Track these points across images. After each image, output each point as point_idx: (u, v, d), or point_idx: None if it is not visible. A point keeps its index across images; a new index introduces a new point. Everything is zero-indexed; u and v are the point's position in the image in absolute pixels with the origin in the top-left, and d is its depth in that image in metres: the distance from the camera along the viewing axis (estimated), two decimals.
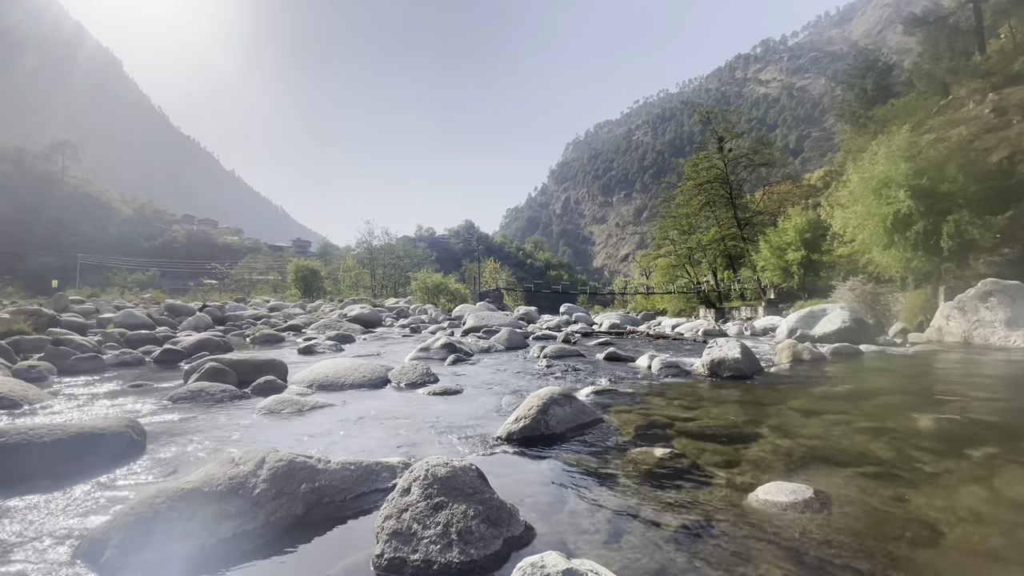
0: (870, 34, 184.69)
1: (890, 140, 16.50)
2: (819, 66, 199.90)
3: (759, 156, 34.28)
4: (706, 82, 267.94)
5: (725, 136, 34.36)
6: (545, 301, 54.37)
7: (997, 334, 6.76)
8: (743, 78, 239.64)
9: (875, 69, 35.59)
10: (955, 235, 14.18)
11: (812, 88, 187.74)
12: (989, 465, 2.12)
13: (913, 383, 4.28)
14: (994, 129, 21.66)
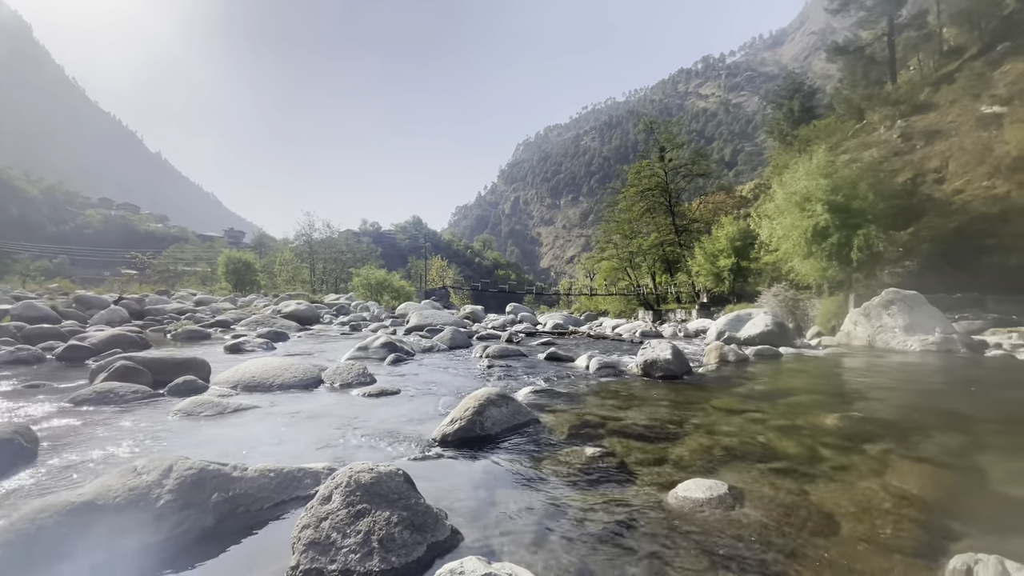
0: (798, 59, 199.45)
1: (811, 158, 17.89)
2: (753, 85, 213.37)
3: (697, 167, 36.09)
4: (651, 93, 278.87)
5: (666, 146, 35.90)
6: (492, 300, 54.47)
7: (896, 339, 7.51)
8: (685, 91, 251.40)
9: (801, 91, 38.41)
10: (864, 248, 15.61)
11: (746, 105, 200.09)
12: (883, 459, 2.33)
13: (822, 383, 4.66)
14: (901, 153, 24.03)
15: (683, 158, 36.81)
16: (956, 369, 5.64)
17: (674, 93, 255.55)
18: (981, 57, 26.52)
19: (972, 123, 22.38)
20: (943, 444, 2.56)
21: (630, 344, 8.91)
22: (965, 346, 7.16)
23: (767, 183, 28.98)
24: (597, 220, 62.65)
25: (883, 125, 26.24)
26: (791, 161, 20.66)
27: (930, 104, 25.51)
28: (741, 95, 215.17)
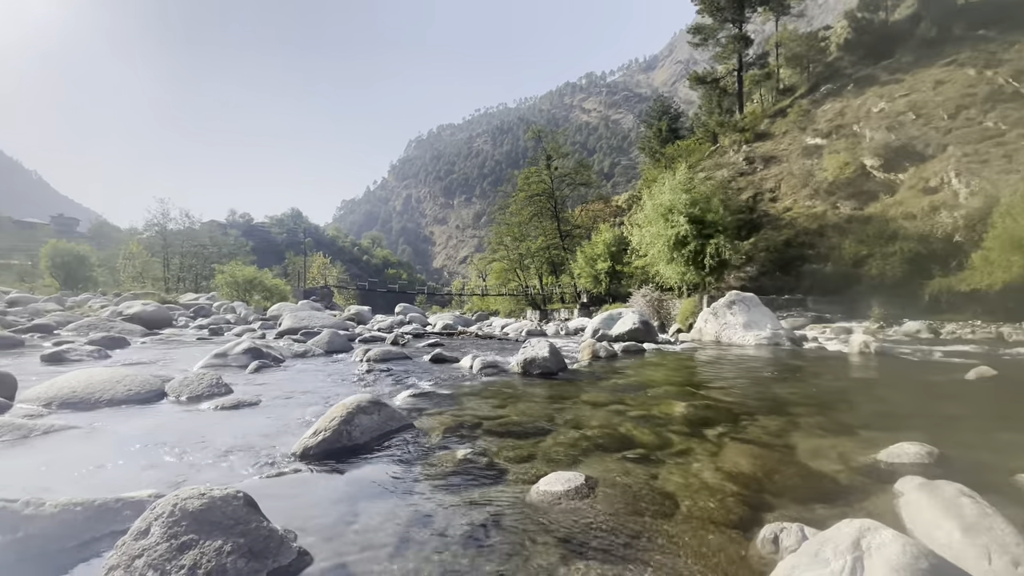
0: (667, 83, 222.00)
1: (675, 174, 20.03)
2: (629, 104, 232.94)
3: (580, 176, 38.38)
4: (540, 102, 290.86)
5: (553, 155, 37.67)
6: (381, 300, 52.48)
7: (737, 334, 8.72)
8: (570, 104, 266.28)
9: (668, 114, 42.81)
10: (715, 255, 17.85)
11: (623, 122, 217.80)
12: (718, 442, 2.65)
13: (675, 376, 5.22)
14: (745, 174, 27.91)
15: (568, 167, 38.91)
16: (781, 360, 6.69)
17: (561, 105, 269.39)
18: (808, 96, 31.92)
19: (799, 152, 26.82)
20: (765, 426, 2.99)
21: (515, 343, 9.15)
22: (789, 340, 8.54)
23: (639, 195, 31.84)
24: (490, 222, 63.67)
25: (732, 149, 30.28)
26: (659, 176, 22.94)
27: (768, 133, 30.04)
28: (619, 112, 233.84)
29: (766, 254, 20.65)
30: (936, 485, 1.58)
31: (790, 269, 19.87)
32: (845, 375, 5.24)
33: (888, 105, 25.39)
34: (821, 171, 23.87)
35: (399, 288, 44.83)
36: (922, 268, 16.38)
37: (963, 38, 27.91)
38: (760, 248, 21.07)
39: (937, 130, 21.99)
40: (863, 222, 19.44)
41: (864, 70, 30.18)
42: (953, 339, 10.74)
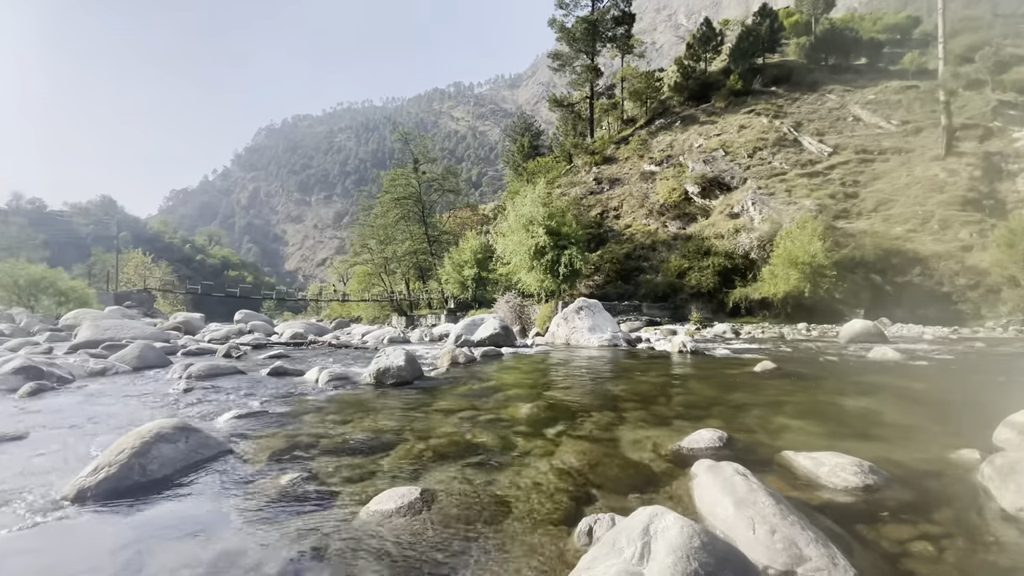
0: (530, 102, 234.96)
1: (535, 188, 21.23)
2: (496, 117, 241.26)
3: (448, 183, 38.53)
4: (408, 104, 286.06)
5: (420, 158, 37.21)
6: (220, 307, 46.36)
7: (584, 337, 9.50)
8: (439, 110, 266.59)
9: (531, 131, 45.29)
10: (569, 265, 19.29)
11: (491, 134, 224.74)
12: (556, 441, 2.81)
13: (526, 378, 5.47)
14: (595, 193, 30.70)
15: (436, 172, 38.79)
16: (617, 359, 7.43)
17: (429, 109, 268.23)
18: (646, 128, 36.32)
19: (638, 176, 30.36)
20: (598, 421, 3.25)
21: (374, 351, 8.75)
22: (626, 342, 9.55)
23: (504, 205, 33.07)
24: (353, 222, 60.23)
25: (584, 169, 33.12)
26: (521, 189, 24.11)
27: (614, 158, 33.49)
28: (487, 124, 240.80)
29: (610, 265, 22.94)
30: (719, 466, 1.86)
31: (629, 278, 22.35)
32: (666, 372, 6.01)
33: (705, 142, 30.16)
34: (655, 194, 27.37)
35: (241, 292, 39.86)
36: (728, 279, 19.69)
37: (760, 92, 34.49)
38: (606, 259, 23.33)
39: (740, 166, 26.74)
40: (686, 240, 22.74)
41: (689, 110, 35.47)
42: (749, 338, 13.05)
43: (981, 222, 18.62)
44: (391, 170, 39.33)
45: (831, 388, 4.83)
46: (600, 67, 40.06)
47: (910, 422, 3.39)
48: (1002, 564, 1.51)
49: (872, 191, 22.67)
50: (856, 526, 1.75)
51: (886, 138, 26.30)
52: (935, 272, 17.22)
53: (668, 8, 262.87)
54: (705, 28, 38.72)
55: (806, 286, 16.81)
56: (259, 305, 56.53)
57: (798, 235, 17.41)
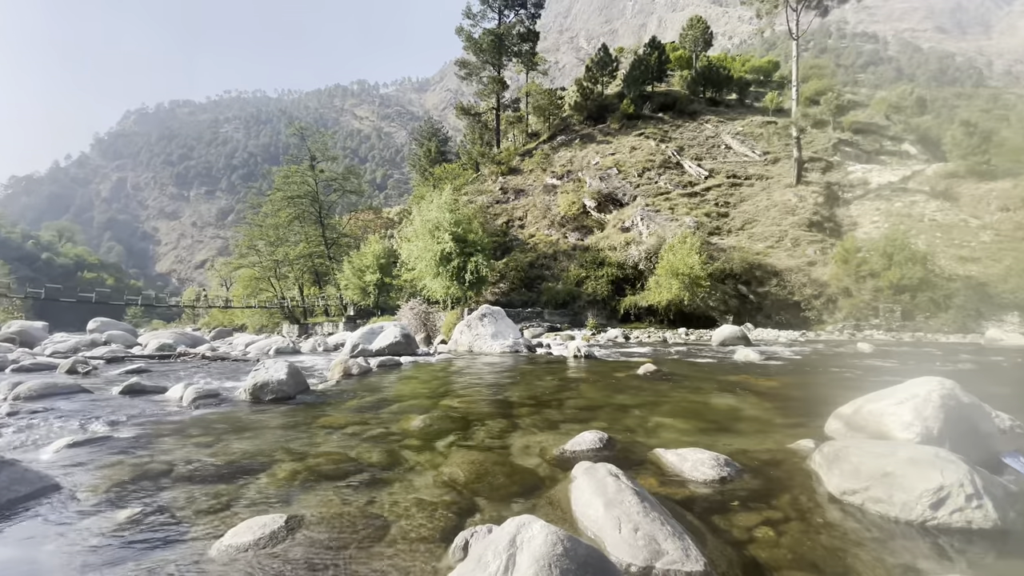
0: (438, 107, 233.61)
1: (441, 194, 21.06)
2: (403, 119, 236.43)
3: (349, 183, 36.81)
4: (306, 98, 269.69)
5: (318, 156, 35.15)
6: (71, 314, 39.94)
7: (487, 344, 9.56)
8: (341, 107, 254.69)
9: (438, 136, 44.99)
10: (475, 272, 19.36)
11: (397, 136, 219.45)
12: (446, 452, 2.75)
13: (424, 388, 5.36)
14: (501, 202, 31.22)
15: (336, 172, 36.88)
16: (517, 366, 7.57)
17: (330, 106, 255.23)
18: (549, 143, 37.77)
19: (541, 189, 31.44)
20: (491, 429, 3.26)
21: (255, 364, 8.01)
22: (527, 348, 9.78)
23: (409, 209, 32.42)
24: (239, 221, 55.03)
25: (491, 178, 33.58)
26: (427, 193, 23.79)
27: (519, 169, 34.38)
28: (392, 125, 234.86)
29: (515, 272, 23.44)
30: (595, 468, 1.94)
31: (533, 286, 23.01)
32: (561, 376, 6.24)
33: (601, 160, 32.15)
34: (557, 206, 28.55)
35: (98, 298, 34.33)
36: (620, 288, 21.07)
37: (649, 117, 37.56)
38: (511, 267, 23.81)
39: (631, 184, 28.86)
40: (584, 250, 23.97)
41: (587, 129, 37.59)
42: (637, 342, 14.04)
43: (823, 241, 21.98)
44: (285, 166, 36.62)
45: (701, 387, 5.32)
46: (506, 80, 41.02)
47: (762, 416, 3.85)
48: (827, 543, 1.74)
49: (740, 211, 25.74)
50: (712, 516, 1.92)
51: (751, 166, 30.07)
52: (788, 283, 19.97)
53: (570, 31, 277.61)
54: (602, 54, 41.40)
55: (685, 295, 18.54)
56: (122, 312, 49.30)
57: (679, 249, 19.18)
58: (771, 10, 26.65)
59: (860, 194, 26.08)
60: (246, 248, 35.74)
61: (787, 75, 36.21)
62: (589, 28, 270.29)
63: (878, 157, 30.65)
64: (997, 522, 1.75)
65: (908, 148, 31.53)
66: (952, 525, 1.79)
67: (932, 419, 2.50)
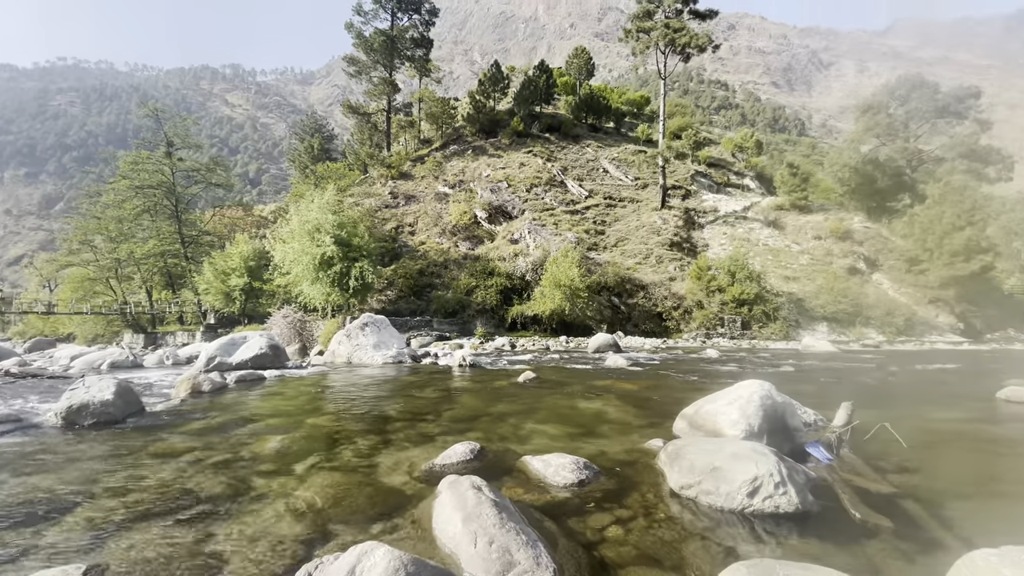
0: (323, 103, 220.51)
1: (323, 194, 19.79)
2: (282, 111, 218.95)
3: (214, 175, 32.92)
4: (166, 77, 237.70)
5: (177, 142, 30.97)
6: None
7: (368, 355, 9.11)
8: (210, 91, 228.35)
9: (322, 133, 42.37)
10: (360, 278, 18.45)
11: (275, 129, 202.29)
12: (304, 476, 2.53)
13: (289, 404, 4.92)
14: (390, 206, 30.25)
15: (199, 162, 32.77)
16: (400, 377, 7.33)
17: (196, 88, 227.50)
18: (441, 151, 37.57)
19: (433, 196, 31.12)
20: (360, 447, 3.08)
21: (77, 381, 6.73)
22: (411, 358, 9.53)
23: (286, 208, 29.96)
24: (71, 211, 46.10)
25: (380, 182, 32.45)
26: (308, 192, 22.16)
27: (410, 174, 33.70)
28: (271, 116, 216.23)
29: (404, 280, 22.82)
30: (459, 482, 1.92)
31: (422, 294, 22.59)
32: (443, 386, 6.17)
33: (492, 173, 32.87)
34: (448, 215, 28.49)
35: None
36: (508, 298, 21.60)
37: (538, 136, 39.30)
38: (399, 274, 23.13)
39: (520, 198, 29.89)
40: (474, 260, 24.19)
41: (479, 141, 38.21)
42: (522, 350, 14.48)
43: (681, 259, 24.78)
44: (135, 151, 31.57)
45: (574, 392, 5.62)
46: (398, 83, 40.09)
47: (623, 418, 4.17)
48: (666, 536, 1.91)
49: (614, 230, 28.01)
50: (569, 519, 2.01)
51: (625, 189, 32.95)
52: (653, 296, 22.13)
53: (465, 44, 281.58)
54: (495, 70, 42.51)
55: (567, 305, 19.58)
56: None
57: (562, 262, 20.25)
58: (644, 50, 29.57)
59: (711, 220, 29.94)
60: (79, 243, 30.01)
61: (656, 110, 40.45)
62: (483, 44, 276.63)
63: (726, 188, 35.56)
64: (798, 505, 2.07)
65: (749, 183, 37.03)
66: (764, 510, 2.08)
67: (753, 417, 2.91)
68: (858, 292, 22.34)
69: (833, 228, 27.44)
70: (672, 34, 27.98)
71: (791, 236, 28.03)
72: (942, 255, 23.02)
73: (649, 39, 28.95)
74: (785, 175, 31.48)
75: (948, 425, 4.06)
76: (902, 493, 2.35)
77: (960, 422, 4.19)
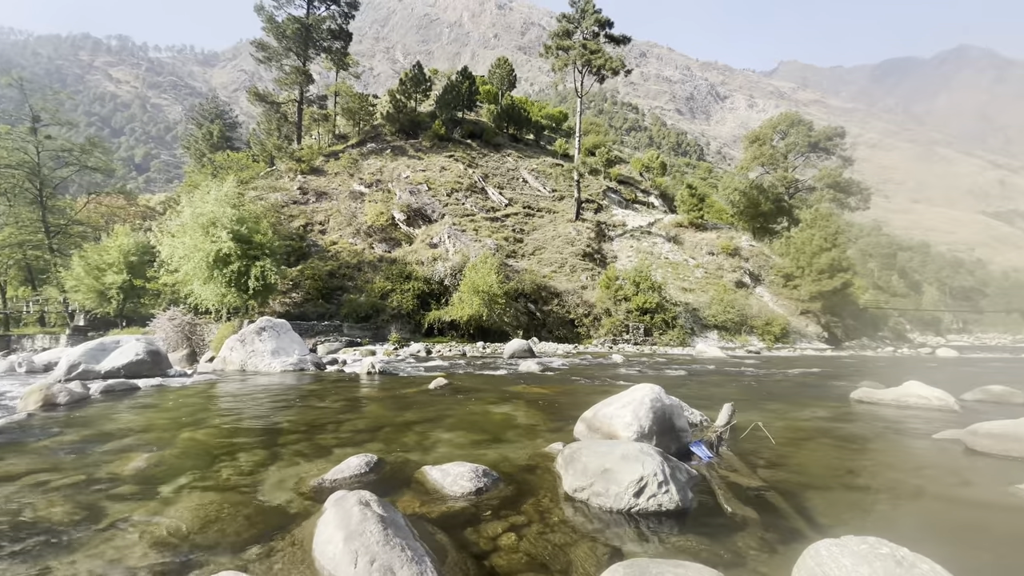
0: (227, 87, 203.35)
1: (222, 185, 18.18)
2: (179, 93, 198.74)
3: (92, 158, 28.90)
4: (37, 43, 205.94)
5: (45, 118, 26.84)
6: None
7: (264, 362, 8.44)
8: (90, 63, 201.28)
9: (224, 119, 39.00)
10: (261, 278, 17.14)
11: (169, 112, 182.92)
12: (171, 498, 2.26)
13: (164, 418, 4.40)
14: (299, 203, 28.50)
15: (71, 141, 28.60)
16: (300, 386, 6.87)
17: (74, 59, 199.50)
18: (358, 148, 36.16)
19: (347, 194, 29.81)
20: (242, 464, 2.82)
21: None
22: (315, 365, 8.98)
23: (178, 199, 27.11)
24: None
25: (288, 176, 30.49)
26: (204, 182, 20.22)
27: (322, 170, 32.04)
28: (164, 97, 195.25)
29: (312, 282, 21.56)
30: (346, 498, 1.81)
31: (332, 297, 21.49)
32: (347, 396, 5.87)
33: (412, 174, 32.27)
34: (363, 215, 27.45)
35: None
36: (426, 302, 21.24)
37: (459, 142, 39.27)
38: (307, 276, 21.82)
39: (440, 202, 29.62)
40: (391, 263, 23.51)
41: (399, 141, 37.38)
42: (438, 356, 14.26)
43: (593, 269, 25.98)
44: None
45: (486, 398, 5.63)
46: (313, 74, 38.03)
47: (530, 423, 4.24)
48: (558, 540, 1.94)
49: (532, 239, 28.71)
50: (464, 530, 1.98)
51: (542, 200, 33.95)
52: (566, 303, 22.95)
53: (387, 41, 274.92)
54: (417, 71, 41.86)
55: (484, 311, 19.68)
56: None
57: (481, 268, 20.34)
58: (562, 67, 30.79)
59: (620, 233, 31.77)
60: None
61: (573, 126, 42.21)
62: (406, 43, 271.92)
63: (633, 205, 37.95)
64: (679, 503, 2.21)
65: (654, 200, 39.85)
66: (649, 509, 2.19)
67: (645, 419, 3.09)
68: (744, 303, 24.84)
69: (724, 245, 30.32)
70: (589, 55, 29.41)
71: (689, 251, 30.51)
72: (811, 272, 26.32)
73: (568, 57, 30.19)
74: (685, 195, 34.32)
75: (811, 423, 4.60)
76: (769, 487, 2.60)
77: (821, 420, 4.76)
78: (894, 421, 4.73)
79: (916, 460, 3.31)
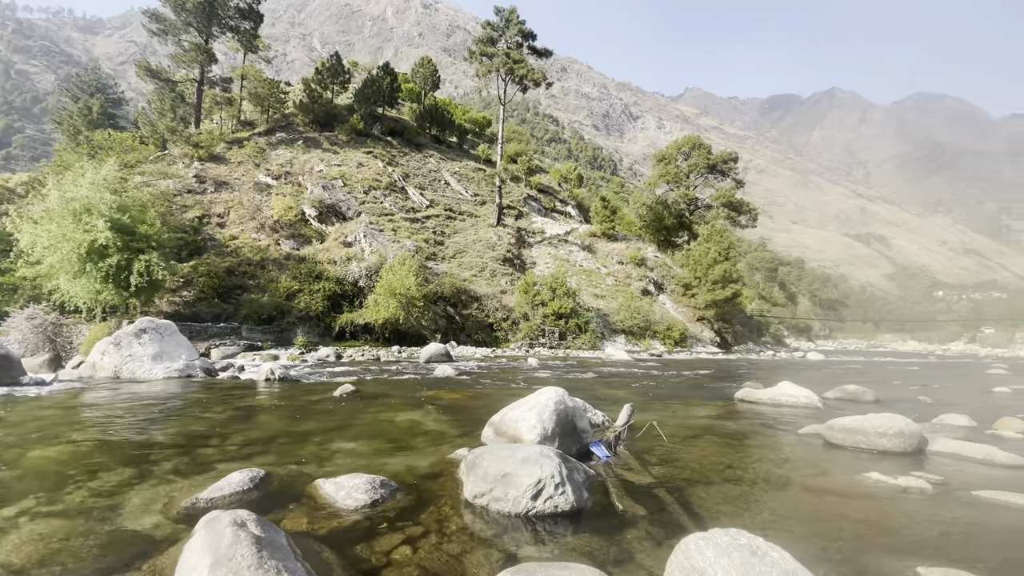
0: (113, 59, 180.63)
1: (99, 167, 16.05)
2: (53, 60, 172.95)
3: None
4: None
5: None
6: None
7: (144, 367, 7.52)
8: None
9: (106, 93, 34.49)
10: (145, 273, 15.33)
11: (39, 81, 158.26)
12: (7, 530, 1.93)
13: (8, 433, 3.75)
14: (194, 192, 25.91)
15: None
16: (184, 394, 6.20)
17: None
18: (265, 136, 33.63)
19: (251, 186, 27.60)
20: (97, 485, 2.48)
21: None
22: (204, 371, 8.16)
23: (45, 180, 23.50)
24: None
25: (183, 161, 27.65)
26: (78, 164, 17.70)
27: (223, 158, 29.42)
28: (34, 64, 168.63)
29: (207, 279, 19.64)
30: (217, 519, 1.65)
31: (230, 297, 19.74)
32: (239, 405, 5.40)
33: (326, 169, 30.69)
34: (269, 209, 25.58)
35: None
36: (337, 304, 20.22)
37: (379, 138, 38.00)
38: (201, 272, 19.84)
39: (356, 199, 28.45)
40: (299, 261, 22.10)
41: (313, 133, 35.38)
42: (349, 361, 13.62)
43: (512, 274, 26.35)
44: None
45: (395, 405, 5.46)
46: (216, 54, 34.82)
47: (439, 429, 4.17)
48: (454, 549, 1.91)
49: (453, 242, 28.50)
50: (354, 546, 1.89)
51: (464, 203, 33.87)
52: (486, 307, 23.04)
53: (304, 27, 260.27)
54: (335, 61, 39.91)
55: (401, 314, 19.13)
56: None
57: (398, 269, 19.76)
58: (486, 73, 31.00)
59: (539, 240, 32.59)
60: None
61: (496, 133, 42.65)
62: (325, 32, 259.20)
63: (552, 213, 39.14)
64: (575, 504, 2.28)
65: (571, 210, 41.39)
66: (546, 511, 2.24)
67: (548, 421, 3.17)
68: (648, 310, 26.54)
69: (632, 255, 32.23)
70: (512, 64, 29.92)
71: (601, 259, 32.04)
72: (707, 282, 28.76)
73: (492, 64, 30.49)
74: (599, 207, 36.05)
75: (699, 422, 4.99)
76: (659, 483, 2.77)
77: (708, 419, 5.19)
78: (769, 418, 5.28)
79: (783, 453, 3.71)
